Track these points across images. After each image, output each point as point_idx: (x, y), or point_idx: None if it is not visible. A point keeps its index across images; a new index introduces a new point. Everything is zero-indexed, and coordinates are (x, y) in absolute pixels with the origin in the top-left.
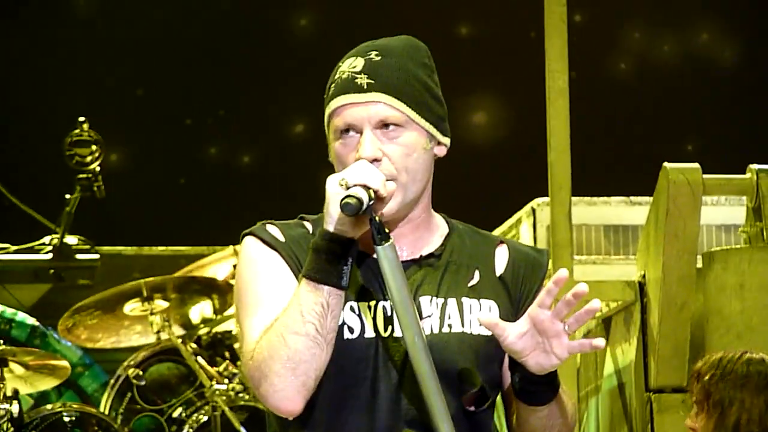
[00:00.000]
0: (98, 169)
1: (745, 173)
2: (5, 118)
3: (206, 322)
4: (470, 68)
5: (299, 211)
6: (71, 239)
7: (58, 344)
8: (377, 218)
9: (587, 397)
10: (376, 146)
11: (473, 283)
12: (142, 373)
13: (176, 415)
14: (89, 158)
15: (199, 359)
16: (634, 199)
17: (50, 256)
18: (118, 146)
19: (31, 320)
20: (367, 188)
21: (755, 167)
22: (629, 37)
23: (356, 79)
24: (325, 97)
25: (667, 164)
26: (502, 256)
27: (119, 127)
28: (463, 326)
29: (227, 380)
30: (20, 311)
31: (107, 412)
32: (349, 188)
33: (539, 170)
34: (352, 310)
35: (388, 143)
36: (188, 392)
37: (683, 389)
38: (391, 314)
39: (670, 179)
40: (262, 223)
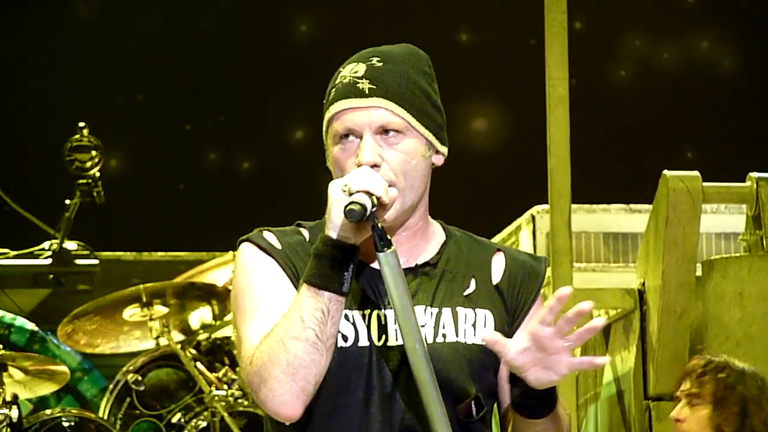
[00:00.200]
0: (98, 174)
1: (744, 181)
2: (5, 123)
3: (205, 327)
4: (470, 75)
5: (299, 217)
6: (71, 244)
7: (57, 349)
8: (379, 225)
9: (586, 404)
10: (375, 151)
11: (469, 292)
12: (141, 378)
13: (175, 420)
14: (89, 163)
15: (198, 365)
16: (633, 206)
17: (50, 261)
18: (118, 151)
19: (30, 325)
20: (370, 195)
21: (755, 175)
22: (629, 44)
23: (358, 83)
24: (324, 102)
25: (666, 172)
26: (498, 264)
27: (119, 132)
28: (457, 336)
29: (226, 386)
30: (20, 316)
31: (106, 417)
32: (352, 194)
33: (539, 177)
34: (346, 318)
35: (387, 149)
36: (187, 398)
37: None
38: (385, 323)
39: (669, 187)
40: (258, 229)
